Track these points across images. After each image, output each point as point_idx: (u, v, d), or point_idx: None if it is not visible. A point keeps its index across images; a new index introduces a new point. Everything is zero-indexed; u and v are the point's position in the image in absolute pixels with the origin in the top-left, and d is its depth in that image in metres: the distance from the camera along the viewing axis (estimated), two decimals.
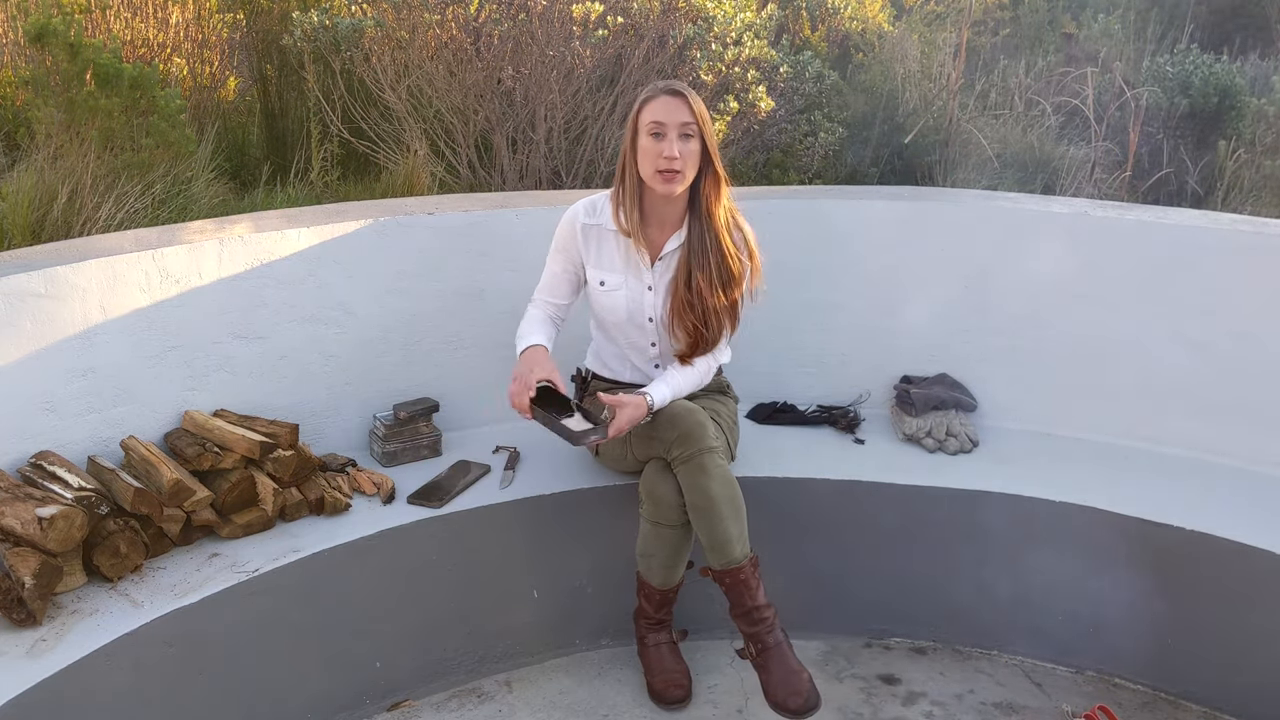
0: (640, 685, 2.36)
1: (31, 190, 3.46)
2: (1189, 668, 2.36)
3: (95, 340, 2.11)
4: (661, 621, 2.36)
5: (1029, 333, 2.79)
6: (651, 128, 2.13)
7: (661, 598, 2.31)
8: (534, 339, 2.26)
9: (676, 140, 2.12)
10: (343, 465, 2.39)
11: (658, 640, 2.35)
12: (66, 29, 3.82)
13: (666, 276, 2.26)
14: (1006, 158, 5.05)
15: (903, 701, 2.38)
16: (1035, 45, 6.91)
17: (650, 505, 2.21)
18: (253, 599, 2.00)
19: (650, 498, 2.20)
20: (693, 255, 2.21)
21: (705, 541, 2.14)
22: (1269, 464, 2.58)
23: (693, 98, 2.16)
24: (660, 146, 2.12)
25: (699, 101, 2.17)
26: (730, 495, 2.13)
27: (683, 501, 2.15)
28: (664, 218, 2.25)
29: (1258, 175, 5.07)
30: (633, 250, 2.26)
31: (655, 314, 2.29)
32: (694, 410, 2.18)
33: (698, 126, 2.13)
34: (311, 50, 4.63)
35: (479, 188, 4.73)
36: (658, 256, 2.27)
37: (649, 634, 2.36)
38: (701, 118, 2.15)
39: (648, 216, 2.26)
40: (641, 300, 2.29)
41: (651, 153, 2.13)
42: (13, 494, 1.89)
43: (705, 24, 4.41)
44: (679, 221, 2.25)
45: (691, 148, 2.14)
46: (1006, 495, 2.44)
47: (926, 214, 2.88)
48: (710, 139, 2.17)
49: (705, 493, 2.11)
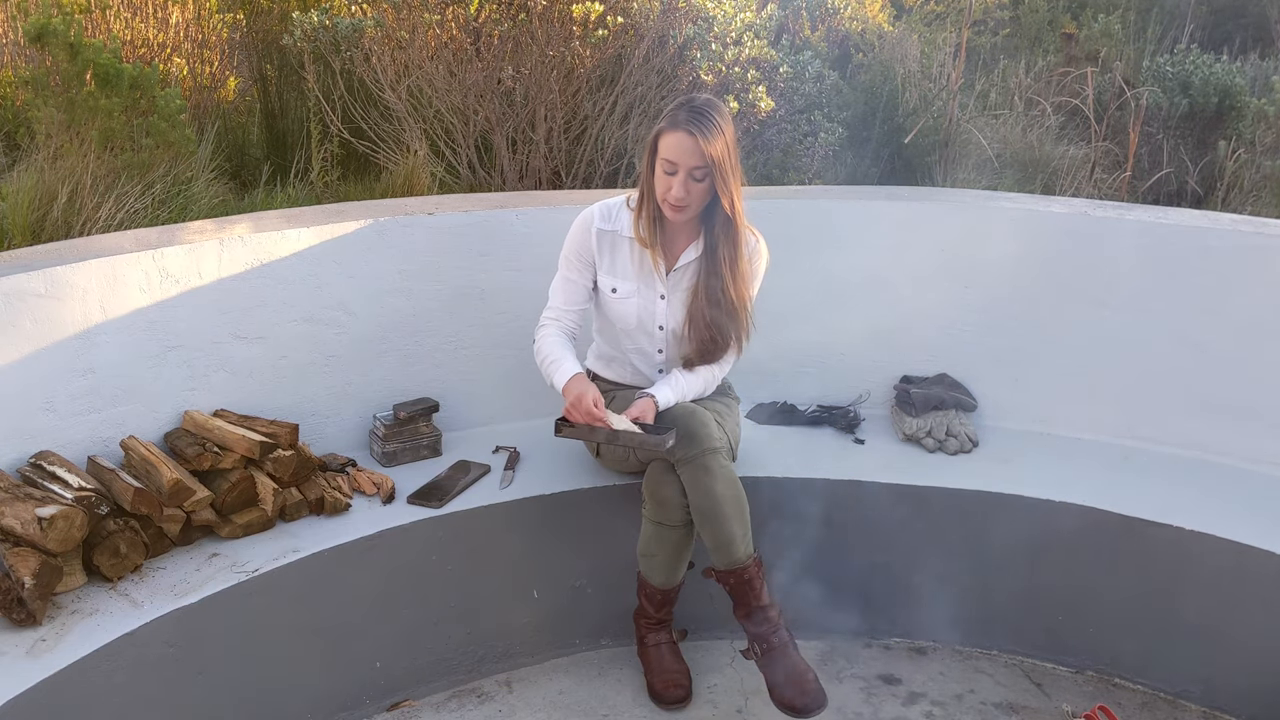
0: (640, 685, 2.36)
1: (31, 190, 3.46)
2: (1189, 668, 2.36)
3: (95, 340, 2.11)
4: (662, 621, 2.36)
5: (1029, 333, 2.79)
6: (664, 165, 2.12)
7: (663, 598, 2.31)
8: (568, 363, 2.25)
9: (686, 180, 2.11)
10: (343, 465, 2.39)
11: (658, 640, 2.36)
12: (66, 29, 3.82)
13: (681, 286, 2.28)
14: (1006, 158, 5.05)
15: (903, 701, 2.38)
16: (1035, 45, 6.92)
17: (653, 506, 2.20)
18: (253, 599, 2.00)
19: (654, 499, 2.20)
20: (709, 268, 2.22)
21: (709, 542, 2.14)
22: (1269, 464, 2.58)
23: (709, 136, 2.07)
24: (670, 182, 2.12)
25: (719, 137, 2.08)
26: (735, 495, 2.13)
27: (686, 502, 2.15)
28: (681, 229, 2.27)
29: (1258, 175, 5.07)
30: (648, 259, 2.27)
31: (666, 322, 2.31)
32: (697, 411, 2.19)
33: (709, 169, 2.09)
34: (311, 50, 4.62)
35: (479, 188, 4.73)
36: (673, 267, 2.28)
37: (649, 634, 2.36)
38: (715, 159, 2.08)
39: (666, 227, 2.27)
40: (654, 309, 2.30)
41: (663, 185, 2.14)
42: (13, 494, 1.89)
43: (705, 24, 4.41)
44: (696, 233, 2.26)
45: (703, 186, 2.12)
46: (1006, 495, 2.44)
47: (926, 214, 2.88)
48: (726, 175, 2.11)
49: (709, 493, 2.11)
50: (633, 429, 2.12)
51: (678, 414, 2.18)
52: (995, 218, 2.83)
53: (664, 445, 2.09)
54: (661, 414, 2.21)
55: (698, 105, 2.10)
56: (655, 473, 2.20)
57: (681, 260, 2.27)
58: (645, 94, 4.59)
